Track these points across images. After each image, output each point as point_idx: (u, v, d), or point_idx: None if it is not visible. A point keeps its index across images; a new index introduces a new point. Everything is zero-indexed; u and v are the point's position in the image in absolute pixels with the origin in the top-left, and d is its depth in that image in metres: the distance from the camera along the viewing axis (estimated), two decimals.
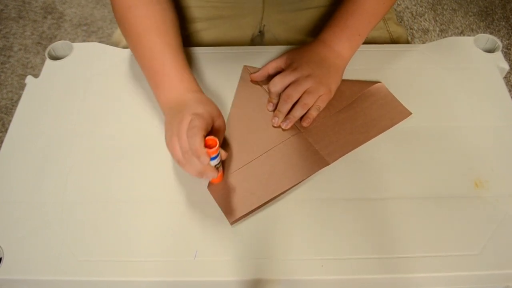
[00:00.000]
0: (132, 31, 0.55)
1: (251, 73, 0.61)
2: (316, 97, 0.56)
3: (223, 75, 0.62)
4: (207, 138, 0.46)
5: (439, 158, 0.53)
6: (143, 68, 0.56)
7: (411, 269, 0.44)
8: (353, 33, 0.59)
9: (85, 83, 0.61)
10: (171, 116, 0.50)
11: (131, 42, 0.56)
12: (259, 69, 0.61)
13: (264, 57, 0.63)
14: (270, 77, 0.59)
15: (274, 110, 0.57)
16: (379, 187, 0.50)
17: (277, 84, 0.57)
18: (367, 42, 0.62)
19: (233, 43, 0.69)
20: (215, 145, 0.46)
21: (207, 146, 0.45)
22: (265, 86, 0.60)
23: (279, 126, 0.56)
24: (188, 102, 0.50)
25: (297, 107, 0.55)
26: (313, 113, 0.56)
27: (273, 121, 0.56)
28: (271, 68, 0.60)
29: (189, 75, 0.54)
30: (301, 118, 0.56)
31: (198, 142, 0.44)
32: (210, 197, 0.50)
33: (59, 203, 0.49)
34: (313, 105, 0.56)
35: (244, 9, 0.70)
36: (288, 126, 0.55)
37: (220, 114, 0.51)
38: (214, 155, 0.46)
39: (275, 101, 0.58)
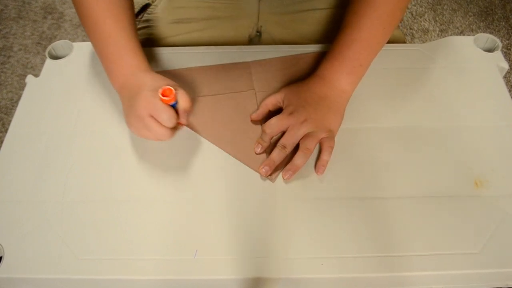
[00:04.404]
0: (89, 17, 0.54)
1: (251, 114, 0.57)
2: (316, 140, 0.52)
3: None
4: (164, 88, 0.48)
5: (439, 158, 0.53)
6: (99, 53, 0.56)
7: (411, 268, 0.44)
8: (354, 65, 0.55)
9: (85, 82, 0.61)
10: (129, 96, 0.51)
11: (88, 28, 0.55)
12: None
13: (261, 57, 0.63)
14: (270, 113, 0.56)
15: (262, 153, 0.53)
16: (379, 186, 0.50)
17: (274, 127, 0.53)
18: None
19: (229, 43, 0.68)
20: (171, 95, 0.48)
21: (163, 95, 0.48)
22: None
23: (268, 176, 0.51)
24: (143, 80, 0.51)
25: (299, 153, 0.51)
26: (326, 158, 0.51)
27: (263, 170, 0.50)
28: (270, 105, 0.56)
29: (142, 56, 0.54)
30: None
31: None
32: (210, 196, 0.50)
33: (59, 202, 0.49)
34: (323, 148, 0.52)
35: (240, 10, 0.70)
36: (291, 177, 0.50)
37: (175, 84, 0.51)
38: (172, 103, 0.49)
39: (265, 144, 0.53)
